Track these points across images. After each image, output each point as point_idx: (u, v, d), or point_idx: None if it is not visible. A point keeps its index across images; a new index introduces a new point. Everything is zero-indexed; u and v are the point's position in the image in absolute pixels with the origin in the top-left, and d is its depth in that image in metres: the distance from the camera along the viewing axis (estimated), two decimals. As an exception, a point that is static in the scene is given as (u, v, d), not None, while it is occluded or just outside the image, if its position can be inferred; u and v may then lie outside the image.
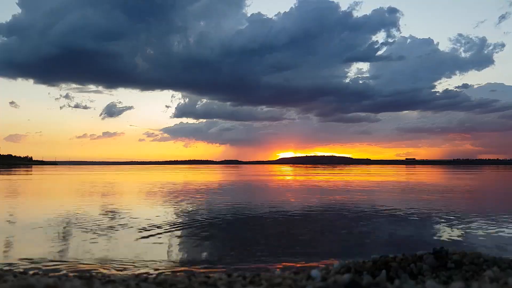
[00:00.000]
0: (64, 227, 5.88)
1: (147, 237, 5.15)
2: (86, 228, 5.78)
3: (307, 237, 5.18)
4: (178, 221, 6.59)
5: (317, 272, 1.70)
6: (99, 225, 6.09)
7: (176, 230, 5.68)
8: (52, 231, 5.54)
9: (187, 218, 6.92)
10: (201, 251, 4.40)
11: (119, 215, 7.26)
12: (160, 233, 5.40)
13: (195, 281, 1.69)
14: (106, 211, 7.85)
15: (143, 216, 7.05)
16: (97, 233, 5.39)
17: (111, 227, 5.87)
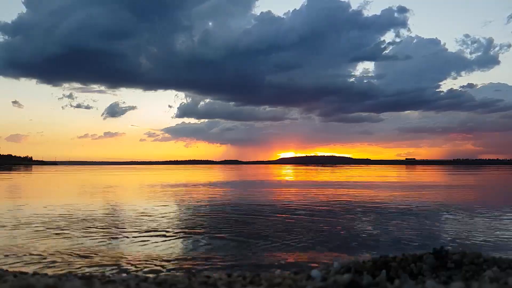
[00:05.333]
0: (64, 227, 5.87)
1: (147, 236, 5.15)
2: (86, 228, 5.78)
3: (307, 236, 5.18)
4: (178, 221, 6.60)
5: (317, 272, 1.70)
6: (99, 225, 6.10)
7: (176, 229, 5.68)
8: (52, 231, 5.54)
9: (186, 218, 6.92)
10: (201, 251, 4.40)
11: (119, 215, 7.26)
12: (160, 233, 5.40)
13: (195, 281, 1.69)
14: (106, 211, 7.85)
15: (143, 216, 7.05)
16: (97, 233, 5.39)
17: (111, 227, 5.87)
